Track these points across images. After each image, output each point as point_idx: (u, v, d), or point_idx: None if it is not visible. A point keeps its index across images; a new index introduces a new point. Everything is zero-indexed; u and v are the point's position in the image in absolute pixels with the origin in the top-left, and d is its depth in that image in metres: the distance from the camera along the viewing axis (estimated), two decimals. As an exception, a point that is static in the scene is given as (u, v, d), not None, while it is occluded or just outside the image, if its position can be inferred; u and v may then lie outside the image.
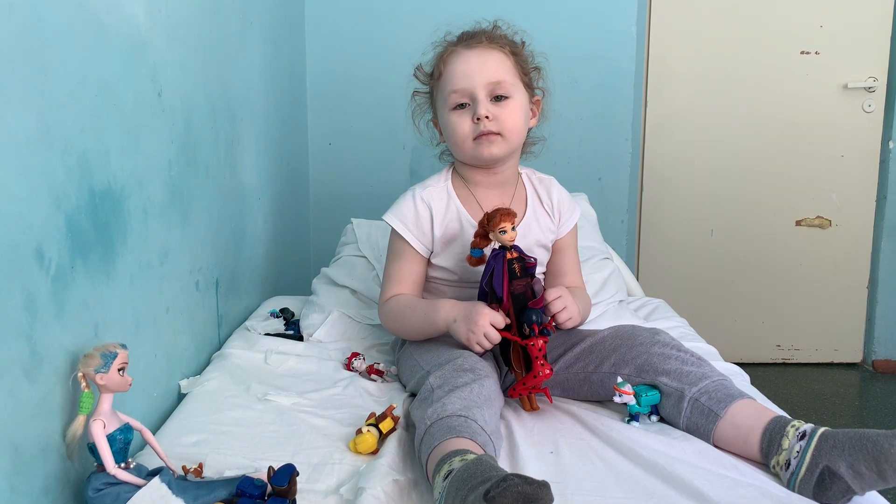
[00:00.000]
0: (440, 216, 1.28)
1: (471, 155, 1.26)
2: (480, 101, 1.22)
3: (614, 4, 2.42)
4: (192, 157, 1.30)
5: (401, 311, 1.27)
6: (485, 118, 1.22)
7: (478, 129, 1.23)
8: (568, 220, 1.36)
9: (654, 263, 2.78)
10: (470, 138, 1.24)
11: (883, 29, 2.62)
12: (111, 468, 0.80)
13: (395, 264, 1.31)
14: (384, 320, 1.32)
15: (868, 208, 2.73)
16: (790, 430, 0.93)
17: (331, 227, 2.29)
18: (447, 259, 1.28)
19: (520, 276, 1.13)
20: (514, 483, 0.71)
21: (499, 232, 1.13)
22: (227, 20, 1.54)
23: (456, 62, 1.25)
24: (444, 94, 1.26)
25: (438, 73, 1.28)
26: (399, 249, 1.30)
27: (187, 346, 1.28)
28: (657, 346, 1.12)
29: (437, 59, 1.28)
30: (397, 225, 1.28)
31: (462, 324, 1.15)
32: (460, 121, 1.25)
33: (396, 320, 1.28)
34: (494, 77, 1.23)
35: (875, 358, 2.77)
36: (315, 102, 2.45)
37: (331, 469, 0.94)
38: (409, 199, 1.30)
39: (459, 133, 1.25)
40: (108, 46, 0.97)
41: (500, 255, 1.14)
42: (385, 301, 1.30)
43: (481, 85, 1.22)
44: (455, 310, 1.18)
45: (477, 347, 1.13)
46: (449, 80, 1.25)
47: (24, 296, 0.76)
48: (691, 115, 2.68)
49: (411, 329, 1.27)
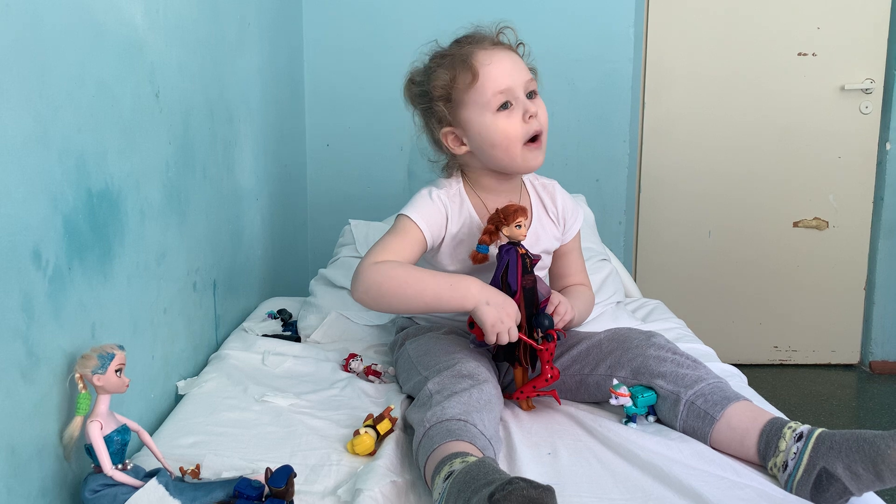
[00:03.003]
0: (455, 217, 1.25)
1: (519, 162, 1.20)
2: (523, 99, 1.18)
3: (612, 7, 2.42)
4: (189, 159, 1.30)
5: (408, 275, 1.15)
6: (537, 115, 1.18)
7: (529, 129, 1.18)
8: (572, 227, 1.35)
9: (652, 265, 2.78)
10: (520, 141, 1.18)
11: (880, 30, 2.62)
12: (108, 469, 0.80)
13: (396, 238, 1.21)
14: (368, 281, 1.15)
15: (865, 210, 2.74)
16: (787, 431, 0.94)
17: (328, 228, 2.29)
18: (453, 261, 1.26)
19: (529, 272, 1.15)
20: (519, 487, 0.70)
21: (514, 226, 1.13)
22: (226, 21, 1.54)
23: (492, 63, 1.18)
24: (482, 97, 1.18)
25: (470, 78, 1.18)
26: (405, 228, 1.21)
27: (185, 347, 1.28)
28: (653, 349, 1.12)
29: (463, 64, 1.19)
30: (412, 213, 1.22)
31: (494, 310, 1.10)
32: (509, 122, 1.18)
33: (397, 284, 1.14)
34: (527, 75, 1.21)
35: (872, 359, 2.77)
36: (313, 103, 2.45)
37: (328, 470, 0.94)
38: (425, 196, 1.24)
39: (511, 135, 1.18)
40: (106, 47, 0.96)
41: (513, 249, 1.14)
42: (376, 262, 1.16)
43: (521, 83, 1.19)
44: (488, 292, 1.13)
45: (494, 338, 1.10)
46: (490, 81, 1.17)
47: (20, 297, 0.76)
48: (689, 116, 2.68)
49: (420, 296, 1.15)
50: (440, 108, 1.22)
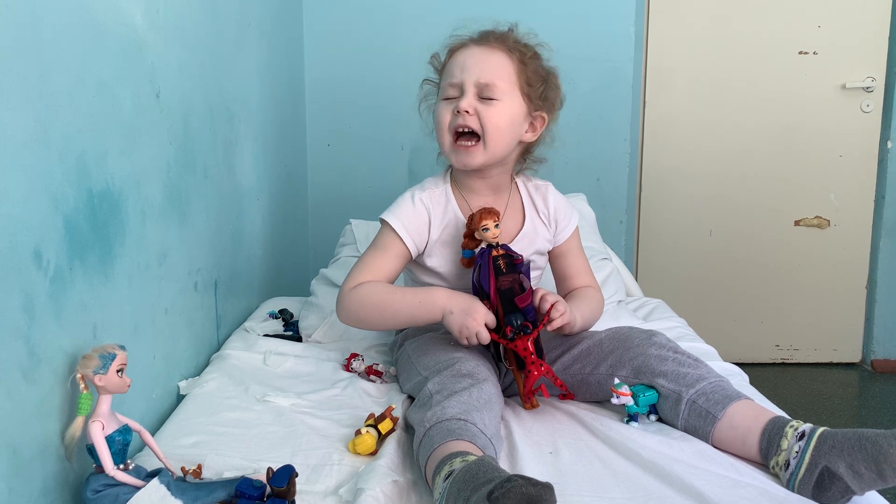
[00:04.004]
0: (438, 219, 1.27)
1: (447, 155, 1.26)
2: (467, 95, 1.21)
3: (612, 6, 2.42)
4: (190, 158, 1.30)
5: (381, 297, 1.21)
6: (465, 112, 1.20)
7: (455, 121, 1.22)
8: (565, 228, 1.34)
9: (653, 264, 2.78)
10: (448, 132, 1.24)
11: (881, 29, 2.62)
12: (110, 469, 0.80)
13: (376, 255, 1.26)
14: (348, 307, 1.23)
15: (867, 208, 2.73)
16: (789, 430, 0.93)
17: (329, 227, 2.29)
18: (441, 263, 1.28)
19: (506, 273, 1.15)
20: (518, 484, 0.70)
21: (482, 230, 1.16)
22: (226, 21, 1.54)
23: (458, 55, 1.25)
24: (443, 83, 1.27)
25: (443, 64, 1.28)
26: (386, 243, 1.26)
27: (186, 347, 1.28)
28: (654, 348, 1.12)
29: (447, 51, 1.28)
30: (394, 221, 1.25)
31: (458, 317, 1.15)
32: (443, 111, 1.24)
33: (372, 307, 1.21)
34: (487, 77, 1.21)
35: (874, 357, 2.77)
36: (313, 103, 2.45)
37: (329, 470, 0.94)
38: (407, 200, 1.28)
39: (441, 122, 1.24)
40: (107, 47, 0.96)
41: (486, 252, 1.16)
42: (353, 287, 1.22)
43: (472, 81, 1.21)
44: (452, 301, 1.18)
45: (465, 342, 1.15)
46: (447, 72, 1.25)
47: (22, 297, 0.76)
48: (690, 115, 2.68)
49: (395, 316, 1.22)
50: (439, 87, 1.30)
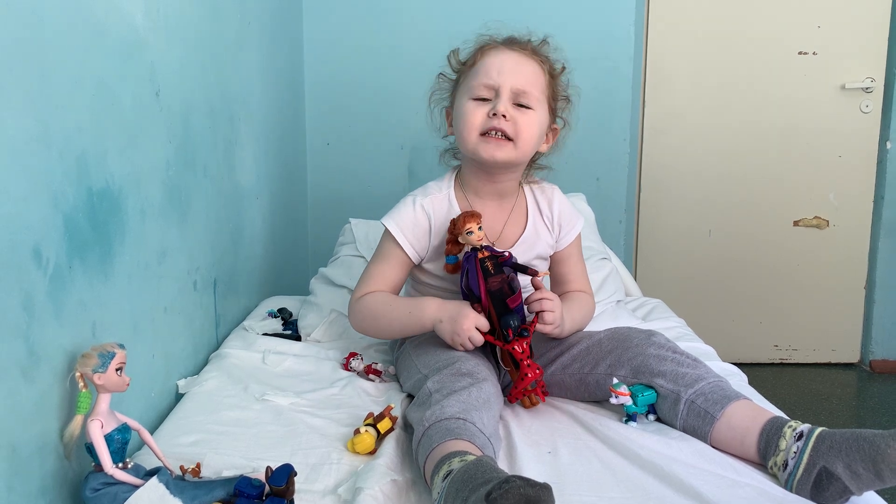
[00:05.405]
0: (439, 226, 1.26)
1: (472, 149, 1.21)
2: (503, 99, 1.19)
3: (612, 6, 2.42)
4: (190, 158, 1.30)
5: (379, 308, 1.25)
6: (501, 116, 1.19)
7: (489, 123, 1.20)
8: (568, 234, 1.34)
9: (652, 264, 2.78)
10: (478, 131, 1.20)
11: (881, 29, 2.62)
12: (109, 468, 0.80)
13: (380, 265, 1.28)
14: (356, 317, 1.28)
15: (866, 208, 2.74)
16: (787, 430, 0.94)
17: (329, 227, 2.29)
18: (441, 268, 1.27)
19: (494, 273, 1.14)
20: (516, 485, 0.70)
21: (466, 233, 1.15)
22: (226, 20, 1.54)
23: (493, 56, 1.22)
24: (470, 82, 1.23)
25: (472, 62, 1.24)
26: (388, 252, 1.28)
27: (185, 345, 1.28)
28: (653, 348, 1.12)
29: (476, 48, 1.25)
30: (394, 229, 1.26)
31: (448, 325, 1.16)
32: (475, 111, 1.21)
33: (373, 318, 1.26)
34: (524, 85, 1.20)
35: (872, 358, 2.77)
36: (313, 102, 2.45)
37: (328, 469, 0.94)
38: (409, 206, 1.27)
39: (470, 121, 1.21)
40: (107, 46, 0.96)
41: (472, 256, 1.16)
42: (359, 298, 1.27)
43: (509, 85, 1.20)
44: (442, 310, 1.18)
45: (460, 349, 1.15)
46: (480, 71, 1.22)
47: (21, 295, 0.76)
48: (689, 115, 2.68)
49: (391, 326, 1.25)
50: (455, 84, 1.29)
